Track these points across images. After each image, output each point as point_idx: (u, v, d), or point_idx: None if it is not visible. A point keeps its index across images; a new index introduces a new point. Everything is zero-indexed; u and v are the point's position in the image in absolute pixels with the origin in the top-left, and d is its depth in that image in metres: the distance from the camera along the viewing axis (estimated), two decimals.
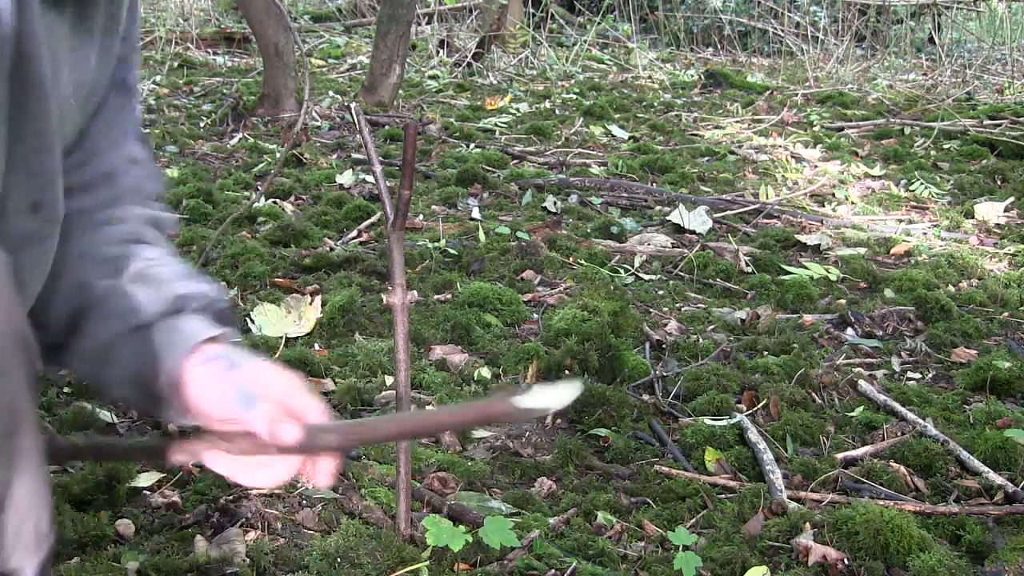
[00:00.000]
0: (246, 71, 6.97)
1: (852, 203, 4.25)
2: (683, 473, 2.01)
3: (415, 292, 1.60)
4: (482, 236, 3.47)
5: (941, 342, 2.75)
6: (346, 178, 4.21)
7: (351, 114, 5.40)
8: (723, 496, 1.94)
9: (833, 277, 3.26)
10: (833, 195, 4.35)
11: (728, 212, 3.95)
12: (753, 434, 2.13)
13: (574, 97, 6.56)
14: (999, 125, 5.38)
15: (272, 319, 2.63)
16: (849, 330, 2.84)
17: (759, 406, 2.29)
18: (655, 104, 6.41)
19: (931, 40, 9.25)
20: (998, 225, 3.96)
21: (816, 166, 4.86)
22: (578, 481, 2.00)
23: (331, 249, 3.26)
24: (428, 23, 8.61)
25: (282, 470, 0.99)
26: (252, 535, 1.69)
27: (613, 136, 5.41)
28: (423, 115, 5.64)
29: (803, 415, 2.24)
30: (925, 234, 3.83)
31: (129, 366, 1.03)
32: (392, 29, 5.59)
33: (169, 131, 5.00)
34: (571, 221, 3.80)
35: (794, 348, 2.63)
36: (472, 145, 5.01)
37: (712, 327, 2.83)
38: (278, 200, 3.88)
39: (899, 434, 2.19)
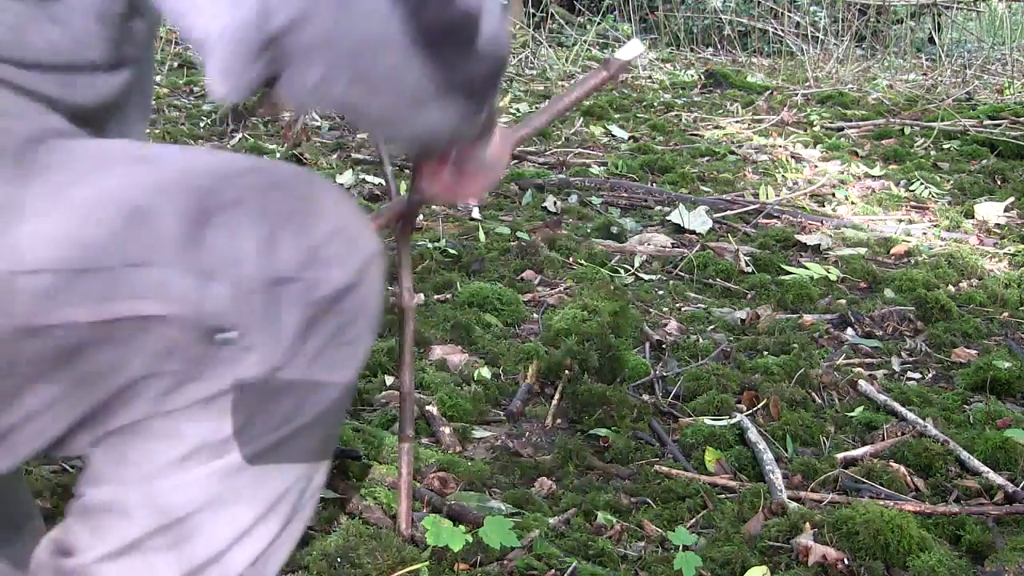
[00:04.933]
0: None
1: (852, 203, 4.25)
2: (683, 473, 2.01)
3: (420, 294, 1.61)
4: (482, 236, 3.48)
5: (941, 342, 2.75)
6: (346, 178, 4.21)
7: None
8: (723, 496, 1.94)
9: (833, 277, 3.26)
10: (833, 195, 4.35)
11: (728, 212, 3.95)
12: (753, 434, 2.13)
13: None
14: (999, 125, 5.38)
15: None
16: (849, 330, 2.84)
17: (759, 406, 2.29)
18: (655, 104, 6.41)
19: (931, 40, 9.25)
20: (998, 225, 3.96)
21: (816, 166, 4.86)
22: (578, 481, 2.00)
23: None
24: None
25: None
26: None
27: (613, 136, 5.41)
28: None
29: (803, 415, 2.24)
30: (925, 234, 3.83)
31: None
32: None
33: (169, 131, 5.00)
34: (571, 221, 3.80)
35: (794, 348, 2.63)
36: None
37: (712, 327, 2.83)
38: None
39: (899, 434, 2.19)
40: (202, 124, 5.24)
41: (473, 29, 0.88)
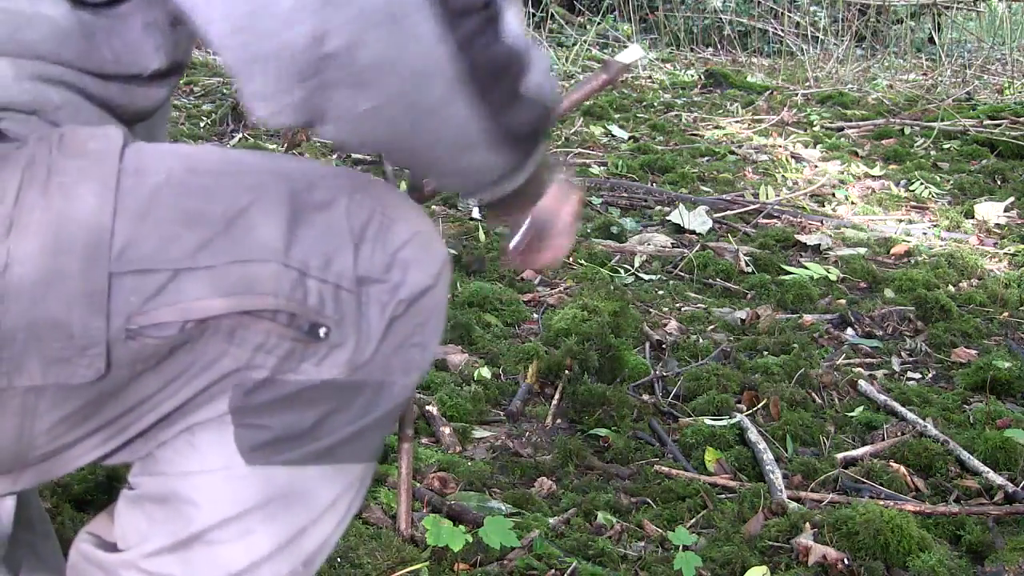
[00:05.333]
0: None
1: (852, 203, 4.25)
2: (683, 473, 2.01)
3: None
4: (482, 236, 3.48)
5: (941, 342, 2.75)
6: None
7: None
8: (723, 496, 1.94)
9: (833, 277, 3.26)
10: (833, 195, 4.35)
11: (728, 212, 3.95)
12: (753, 434, 2.13)
13: None
14: (999, 125, 5.38)
15: None
16: (849, 330, 2.84)
17: (759, 406, 2.29)
18: (655, 104, 6.41)
19: (931, 40, 9.25)
20: (998, 225, 3.96)
21: (816, 166, 4.86)
22: (578, 481, 2.00)
23: None
24: None
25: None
26: None
27: (613, 136, 5.41)
28: None
29: (803, 415, 2.24)
30: (925, 234, 3.83)
31: None
32: None
33: (169, 131, 4.99)
34: None
35: (794, 348, 2.63)
36: None
37: (712, 327, 2.83)
38: None
39: (899, 434, 2.19)
40: (202, 124, 5.24)
41: (519, 74, 0.89)
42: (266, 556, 0.92)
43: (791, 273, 3.25)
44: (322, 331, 0.86)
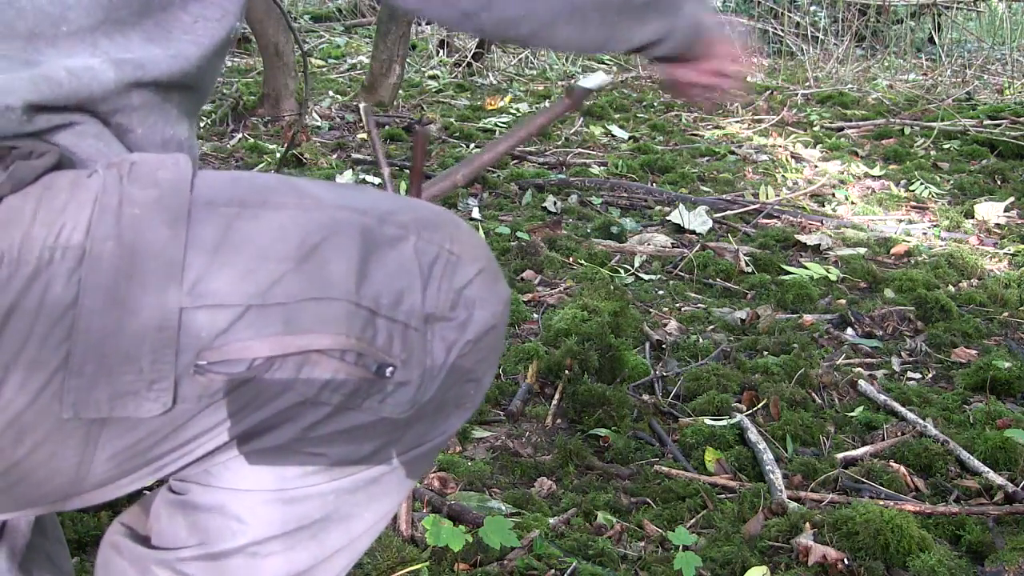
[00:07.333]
0: (246, 71, 6.96)
1: (852, 203, 4.25)
2: (683, 473, 2.01)
3: None
4: (482, 236, 3.47)
5: (941, 342, 2.75)
6: (346, 178, 4.21)
7: (359, 114, 5.34)
8: (723, 496, 1.94)
9: (833, 277, 3.26)
10: (833, 195, 4.35)
11: (728, 212, 3.95)
12: (753, 434, 2.13)
13: None
14: (999, 125, 5.38)
15: None
16: (849, 330, 2.84)
17: (759, 406, 2.29)
18: (655, 104, 6.41)
19: (931, 40, 9.24)
20: (998, 225, 3.96)
21: (816, 166, 4.86)
22: (578, 481, 2.00)
23: None
24: (428, 23, 8.61)
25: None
26: None
27: (613, 136, 5.41)
28: (423, 115, 5.63)
29: (803, 415, 2.24)
30: (925, 234, 3.83)
31: None
32: (392, 29, 5.58)
33: None
34: (571, 221, 3.80)
35: (794, 348, 2.63)
36: (472, 145, 5.02)
37: (712, 327, 2.83)
38: None
39: (899, 434, 2.19)
40: (202, 124, 5.24)
41: None
42: (303, 571, 0.92)
43: (791, 273, 3.25)
44: (389, 370, 0.85)
